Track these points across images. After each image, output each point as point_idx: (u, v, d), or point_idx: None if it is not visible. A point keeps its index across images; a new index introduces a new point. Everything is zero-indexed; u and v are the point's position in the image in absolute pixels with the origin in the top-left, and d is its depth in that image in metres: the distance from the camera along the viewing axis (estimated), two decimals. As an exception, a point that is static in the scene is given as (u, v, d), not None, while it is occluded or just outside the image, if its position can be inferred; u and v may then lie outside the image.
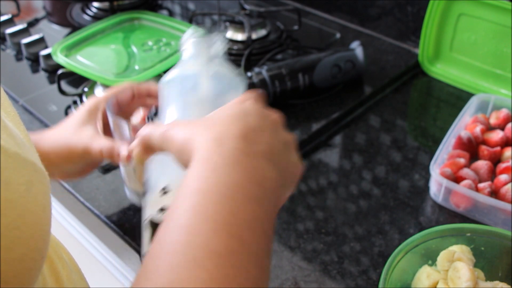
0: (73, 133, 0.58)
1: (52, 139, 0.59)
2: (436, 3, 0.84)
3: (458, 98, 0.85)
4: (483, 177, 0.67)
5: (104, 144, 0.56)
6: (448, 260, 0.51)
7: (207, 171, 0.36)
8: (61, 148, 0.58)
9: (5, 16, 1.04)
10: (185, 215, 0.34)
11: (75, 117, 0.60)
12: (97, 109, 0.60)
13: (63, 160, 0.58)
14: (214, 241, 0.32)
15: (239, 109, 0.41)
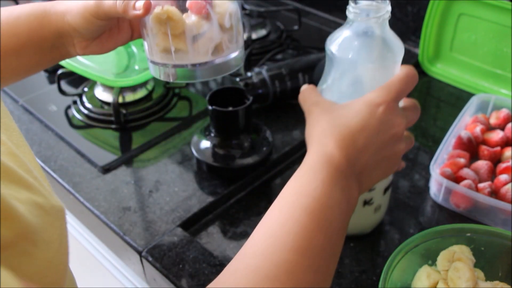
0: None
1: (70, 0, 0.54)
2: (436, 3, 0.84)
3: (458, 98, 0.85)
4: (483, 177, 0.67)
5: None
6: (448, 260, 0.51)
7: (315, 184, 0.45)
8: (76, 7, 0.53)
9: (5, 16, 1.04)
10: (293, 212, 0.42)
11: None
12: None
13: (79, 21, 0.53)
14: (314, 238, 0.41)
15: (367, 120, 0.47)
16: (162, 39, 0.53)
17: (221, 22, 0.54)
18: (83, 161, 0.74)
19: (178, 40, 0.53)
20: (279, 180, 0.71)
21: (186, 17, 0.52)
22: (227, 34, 0.55)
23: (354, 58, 0.51)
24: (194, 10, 0.52)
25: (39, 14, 0.54)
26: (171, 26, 0.52)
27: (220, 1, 0.53)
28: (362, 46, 0.51)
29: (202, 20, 0.52)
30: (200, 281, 0.57)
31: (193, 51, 0.54)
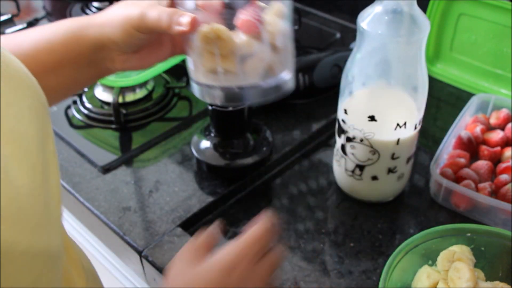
0: (133, 4, 0.50)
1: (109, 12, 0.51)
2: (436, 3, 0.84)
3: (458, 98, 0.85)
4: (483, 177, 0.67)
5: (164, 8, 0.47)
6: (448, 260, 0.51)
7: None
8: (118, 18, 0.50)
9: (5, 16, 1.04)
10: None
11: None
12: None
13: (119, 32, 0.50)
14: None
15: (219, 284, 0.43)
16: (208, 58, 0.49)
17: (272, 42, 0.49)
18: (83, 161, 0.74)
19: (226, 60, 0.49)
20: (279, 180, 0.71)
21: (235, 36, 0.48)
22: (279, 55, 0.51)
23: (383, 32, 0.55)
24: (245, 28, 0.48)
25: (76, 28, 0.51)
26: (220, 46, 0.48)
27: (272, 19, 0.49)
28: (392, 21, 0.55)
29: (253, 39, 0.48)
30: (200, 281, 0.57)
31: (242, 72, 0.50)
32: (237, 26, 0.48)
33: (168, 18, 0.46)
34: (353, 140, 0.62)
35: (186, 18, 0.46)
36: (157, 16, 0.47)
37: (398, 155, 0.62)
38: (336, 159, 0.67)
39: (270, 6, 0.49)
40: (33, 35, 0.52)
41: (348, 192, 0.68)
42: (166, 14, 0.46)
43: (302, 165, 0.74)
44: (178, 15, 0.46)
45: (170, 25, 0.46)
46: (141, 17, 0.48)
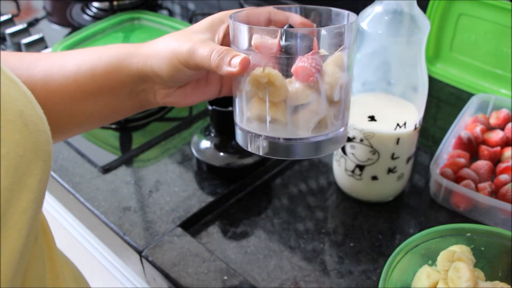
0: (184, 37, 0.47)
1: (158, 43, 0.49)
2: (436, 3, 0.84)
3: (458, 98, 0.85)
4: (483, 177, 0.67)
5: (215, 46, 0.44)
6: (448, 260, 0.51)
7: None
8: (166, 50, 0.47)
9: (5, 16, 1.04)
10: None
11: (193, 26, 0.49)
12: (222, 21, 0.49)
13: (165, 66, 0.47)
14: None
15: None
16: (257, 105, 0.46)
17: (329, 94, 0.45)
18: (83, 161, 0.74)
19: (276, 108, 0.45)
20: (279, 180, 0.71)
21: (289, 83, 0.44)
22: (334, 108, 0.46)
23: (383, 32, 0.55)
24: (301, 77, 0.44)
25: (120, 56, 0.49)
26: (271, 92, 0.44)
27: (332, 69, 0.45)
28: (392, 21, 0.55)
29: (308, 89, 0.44)
30: (200, 281, 0.57)
31: (292, 124, 0.46)
32: (293, 73, 0.44)
33: (219, 57, 0.43)
34: (353, 140, 0.62)
35: (237, 59, 0.43)
36: (207, 54, 0.44)
37: (398, 155, 0.62)
38: (336, 159, 0.67)
39: (332, 55, 0.45)
40: (76, 58, 0.49)
41: (348, 192, 0.68)
42: (217, 52, 0.44)
43: (302, 165, 0.74)
44: (229, 55, 0.43)
45: (219, 65, 0.44)
46: (190, 53, 0.45)
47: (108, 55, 0.49)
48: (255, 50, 0.44)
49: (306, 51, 0.43)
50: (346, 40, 0.46)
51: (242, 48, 0.45)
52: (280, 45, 0.43)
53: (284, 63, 0.44)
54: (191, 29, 0.48)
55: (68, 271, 0.46)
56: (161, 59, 0.47)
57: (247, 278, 0.58)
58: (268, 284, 0.57)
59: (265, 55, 0.44)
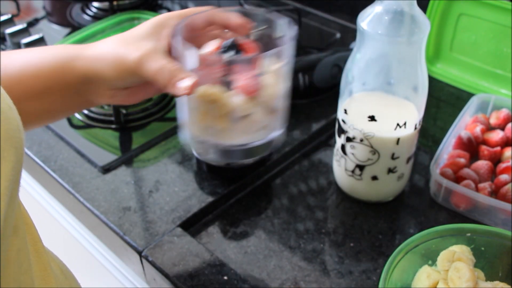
0: (130, 44, 0.48)
1: (104, 47, 0.50)
2: (436, 3, 0.84)
3: (458, 98, 0.85)
4: (483, 177, 0.67)
5: (164, 63, 0.46)
6: (448, 260, 0.51)
7: None
8: (112, 56, 0.48)
9: (5, 16, 1.04)
10: None
11: (137, 29, 0.50)
12: (165, 25, 0.50)
13: (111, 71, 0.48)
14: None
15: None
16: (203, 116, 0.49)
17: (269, 104, 0.49)
18: (83, 161, 0.74)
19: (221, 120, 0.48)
20: (279, 180, 0.71)
21: (233, 96, 0.47)
22: (274, 116, 0.50)
23: (383, 32, 0.55)
24: (244, 91, 0.47)
25: (64, 58, 0.49)
26: (216, 107, 0.47)
27: (272, 81, 0.48)
28: (392, 21, 0.55)
29: (250, 101, 0.48)
30: (200, 281, 0.57)
31: (235, 132, 0.50)
32: (236, 87, 0.47)
33: (169, 77, 0.45)
34: (353, 140, 0.62)
35: (186, 82, 0.45)
36: (157, 70, 0.45)
37: (398, 155, 0.62)
38: (336, 159, 0.67)
39: (272, 67, 0.48)
40: (21, 58, 0.50)
41: (348, 192, 0.68)
42: (167, 72, 0.45)
43: (302, 165, 0.74)
44: (179, 76, 0.45)
45: (168, 84, 0.45)
46: (139, 64, 0.46)
47: (52, 57, 0.49)
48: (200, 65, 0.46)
49: (248, 67, 0.46)
50: (286, 53, 0.48)
51: (187, 64, 0.46)
52: (223, 64, 0.46)
53: (228, 79, 0.46)
54: (136, 34, 0.49)
55: (55, 264, 0.46)
56: (107, 64, 0.48)
57: (247, 278, 0.58)
58: (268, 284, 0.57)
59: (209, 69, 0.46)
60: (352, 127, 0.61)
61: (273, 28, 0.52)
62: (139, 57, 0.46)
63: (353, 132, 0.61)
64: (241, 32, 0.51)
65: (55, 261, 0.48)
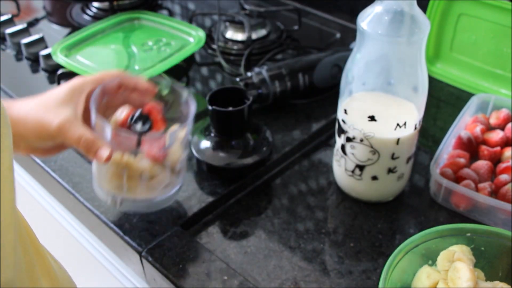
0: (50, 109, 0.52)
1: (25, 109, 0.53)
2: (436, 3, 0.84)
3: (458, 98, 0.85)
4: (483, 177, 0.67)
5: (83, 133, 0.51)
6: (448, 260, 0.51)
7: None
8: (33, 121, 0.52)
9: (5, 16, 1.04)
10: None
11: (55, 93, 0.54)
12: (82, 91, 0.55)
13: (32, 134, 0.52)
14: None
15: None
16: (115, 176, 0.57)
17: (172, 166, 0.59)
18: (83, 161, 0.74)
19: (131, 180, 0.57)
20: (279, 180, 0.71)
21: (141, 161, 0.56)
22: (175, 175, 0.60)
23: (383, 32, 0.55)
24: (151, 158, 0.56)
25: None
26: (128, 170, 0.56)
27: (175, 149, 0.58)
28: (392, 21, 0.55)
29: (157, 165, 0.57)
30: (200, 281, 0.57)
31: (143, 189, 0.59)
32: (145, 156, 0.56)
33: (87, 147, 0.51)
34: (353, 140, 0.62)
35: (103, 152, 0.51)
36: (77, 139, 0.51)
37: (398, 155, 0.62)
38: (336, 159, 0.67)
39: (177, 139, 0.57)
40: None
41: (348, 192, 0.68)
42: (85, 142, 0.51)
43: (302, 165, 0.74)
44: (95, 146, 0.51)
45: (86, 152, 0.52)
46: (60, 133, 0.51)
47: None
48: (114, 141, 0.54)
49: (156, 140, 0.55)
50: (189, 126, 0.58)
51: (103, 135, 0.54)
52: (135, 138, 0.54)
53: (137, 149, 0.55)
54: (55, 99, 0.53)
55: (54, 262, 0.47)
56: (29, 128, 0.52)
57: (247, 278, 0.58)
58: (268, 284, 0.57)
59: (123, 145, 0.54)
60: (352, 127, 0.61)
61: (177, 96, 0.61)
62: (59, 125, 0.51)
63: (353, 132, 0.61)
64: (147, 95, 0.59)
65: (54, 259, 0.48)
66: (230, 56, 0.96)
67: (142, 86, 0.58)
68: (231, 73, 0.92)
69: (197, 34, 0.91)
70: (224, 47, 0.97)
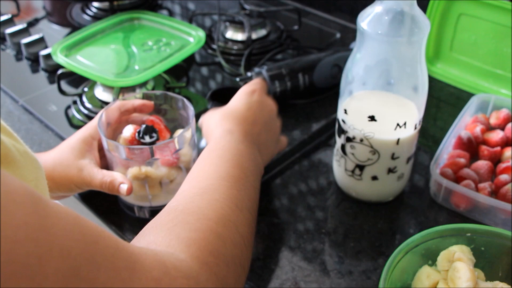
0: (72, 164, 0.59)
1: (50, 165, 0.60)
2: (436, 3, 0.84)
3: (458, 98, 0.85)
4: (483, 177, 0.67)
5: (102, 179, 0.59)
6: (448, 260, 0.51)
7: (223, 143, 0.54)
8: (60, 176, 0.59)
9: (5, 16, 1.04)
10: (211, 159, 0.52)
11: (71, 146, 0.61)
12: (92, 139, 0.62)
13: (60, 186, 0.60)
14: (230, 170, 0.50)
15: (248, 101, 0.62)
16: (139, 188, 0.62)
17: (187, 166, 0.63)
18: (83, 161, 0.74)
19: (154, 188, 0.62)
20: (279, 180, 0.71)
21: (158, 169, 0.61)
22: None
23: (383, 32, 0.55)
24: (166, 164, 0.61)
25: None
26: (149, 182, 0.61)
27: (185, 150, 0.62)
28: (392, 21, 0.55)
29: (173, 169, 0.62)
30: (200, 281, 0.57)
31: (166, 193, 0.63)
32: (160, 163, 0.61)
33: (110, 189, 0.58)
34: (353, 140, 0.62)
35: (124, 186, 0.58)
36: (99, 186, 0.59)
37: (398, 155, 0.62)
38: (336, 159, 0.67)
39: (184, 142, 0.61)
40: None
41: (348, 192, 0.68)
42: (107, 185, 0.58)
43: (302, 165, 0.74)
44: (117, 185, 0.58)
45: (111, 192, 0.59)
46: (84, 184, 0.59)
47: None
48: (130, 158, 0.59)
49: (166, 146, 0.59)
50: (192, 127, 0.62)
51: (121, 157, 0.59)
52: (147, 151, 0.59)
53: (152, 159, 0.60)
54: (71, 152, 0.60)
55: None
56: (57, 184, 0.59)
57: (247, 278, 0.58)
58: (268, 284, 0.57)
59: (139, 159, 0.60)
60: (352, 127, 0.61)
61: (172, 103, 0.66)
62: (81, 179, 0.59)
63: (353, 132, 0.61)
64: (145, 110, 0.65)
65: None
66: (230, 56, 0.96)
67: (139, 105, 0.65)
68: (231, 73, 0.92)
69: (197, 34, 0.91)
70: (224, 47, 0.97)
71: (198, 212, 0.44)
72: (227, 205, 0.46)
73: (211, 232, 0.42)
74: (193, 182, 0.50)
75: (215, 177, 0.49)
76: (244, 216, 0.47)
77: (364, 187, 0.65)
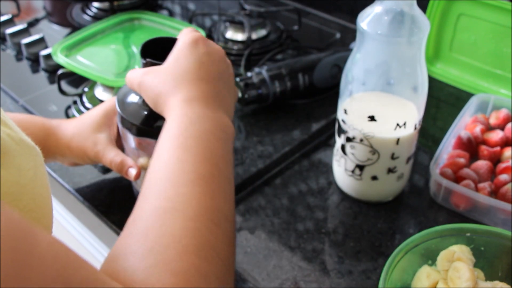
0: (88, 136, 0.61)
1: (68, 135, 0.62)
2: (436, 3, 0.84)
3: (458, 98, 0.86)
4: (483, 177, 0.67)
5: (113, 158, 0.59)
6: (448, 260, 0.51)
7: (186, 124, 0.45)
8: (76, 147, 0.61)
9: (5, 16, 1.04)
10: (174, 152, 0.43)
11: (91, 117, 0.62)
12: (114, 114, 0.62)
13: (76, 157, 0.62)
14: (200, 168, 0.42)
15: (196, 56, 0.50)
16: None
17: None
18: (83, 161, 0.74)
19: None
20: (279, 180, 0.71)
21: None
22: None
23: (383, 32, 0.55)
24: None
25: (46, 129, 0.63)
26: None
27: None
28: (392, 21, 0.55)
29: None
30: (200, 281, 0.57)
31: None
32: None
33: (118, 169, 0.59)
34: (353, 140, 0.62)
35: (131, 171, 0.58)
36: (109, 163, 0.60)
37: (398, 155, 0.62)
38: (336, 159, 0.67)
39: None
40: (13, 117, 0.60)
41: (348, 192, 0.68)
42: (116, 165, 0.59)
43: (302, 165, 0.74)
44: (126, 168, 0.59)
45: (120, 173, 0.60)
46: (96, 158, 0.61)
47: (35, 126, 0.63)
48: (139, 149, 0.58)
49: None
50: None
51: (130, 147, 0.59)
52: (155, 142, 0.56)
53: None
54: (90, 124, 0.61)
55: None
56: (72, 153, 0.62)
57: (247, 278, 0.58)
58: (268, 284, 0.57)
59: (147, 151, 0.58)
60: (352, 127, 0.61)
61: None
62: (95, 152, 0.60)
63: (353, 132, 0.61)
64: None
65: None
66: (230, 56, 0.96)
67: None
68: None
69: (197, 34, 0.91)
70: (224, 47, 0.97)
71: (175, 242, 0.36)
72: (203, 224, 0.38)
73: (195, 271, 0.36)
74: (157, 188, 0.41)
75: (183, 181, 0.40)
76: (222, 233, 0.40)
77: (364, 187, 0.65)
